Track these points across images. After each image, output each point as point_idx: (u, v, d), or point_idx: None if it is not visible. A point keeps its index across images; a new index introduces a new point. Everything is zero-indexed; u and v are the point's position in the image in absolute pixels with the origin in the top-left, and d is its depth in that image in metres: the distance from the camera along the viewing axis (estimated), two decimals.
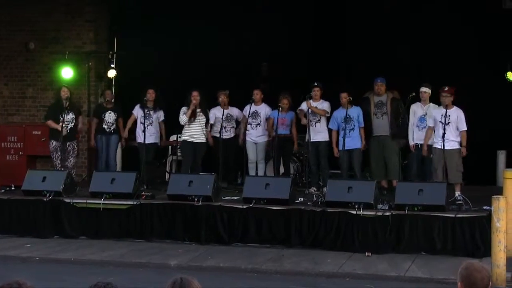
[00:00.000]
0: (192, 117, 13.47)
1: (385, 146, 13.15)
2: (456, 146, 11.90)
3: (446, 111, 11.88)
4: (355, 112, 13.09)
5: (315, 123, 13.45)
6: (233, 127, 14.21)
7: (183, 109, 13.55)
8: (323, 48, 15.06)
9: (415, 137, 12.72)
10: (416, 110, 12.80)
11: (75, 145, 14.12)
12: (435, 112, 12.13)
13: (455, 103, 12.00)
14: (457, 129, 11.91)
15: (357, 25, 14.75)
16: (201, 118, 13.56)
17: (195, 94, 13.44)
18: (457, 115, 11.95)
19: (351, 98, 13.09)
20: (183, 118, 13.49)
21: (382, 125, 13.17)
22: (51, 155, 14.06)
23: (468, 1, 13.97)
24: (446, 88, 11.98)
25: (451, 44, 14.19)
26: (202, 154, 13.61)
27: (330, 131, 13.37)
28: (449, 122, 11.90)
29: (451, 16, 14.18)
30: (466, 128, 11.93)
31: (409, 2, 14.34)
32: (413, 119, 12.82)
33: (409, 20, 14.41)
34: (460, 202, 11.56)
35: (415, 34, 14.50)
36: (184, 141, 13.68)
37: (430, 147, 12.25)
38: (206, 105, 13.75)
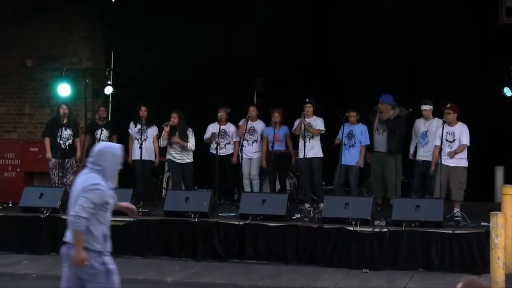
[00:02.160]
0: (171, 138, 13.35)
1: (383, 162, 13.01)
2: (462, 163, 11.79)
3: (443, 127, 11.76)
4: (359, 129, 13.00)
5: (309, 140, 13.32)
6: (228, 143, 14.08)
7: (164, 131, 13.44)
8: (319, 63, 14.93)
9: (417, 153, 12.61)
10: (419, 126, 12.72)
11: (74, 162, 14.00)
12: (439, 130, 11.97)
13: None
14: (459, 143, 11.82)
15: (352, 39, 14.64)
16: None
17: (173, 115, 13.43)
18: (461, 131, 11.85)
19: (359, 117, 13.03)
20: (160, 141, 13.51)
21: (381, 141, 13.01)
22: (50, 172, 13.93)
23: (464, 16, 13.86)
24: (449, 105, 11.87)
25: (448, 59, 14.08)
26: (189, 174, 13.53)
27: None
28: (454, 140, 11.83)
29: (447, 31, 14.07)
30: (467, 143, 11.82)
31: (407, 17, 14.22)
32: (415, 135, 12.69)
33: (406, 36, 14.30)
34: (458, 218, 11.43)
35: (412, 49, 14.40)
36: (169, 159, 13.66)
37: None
38: (185, 126, 13.54)
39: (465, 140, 11.82)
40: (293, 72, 15.03)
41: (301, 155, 13.27)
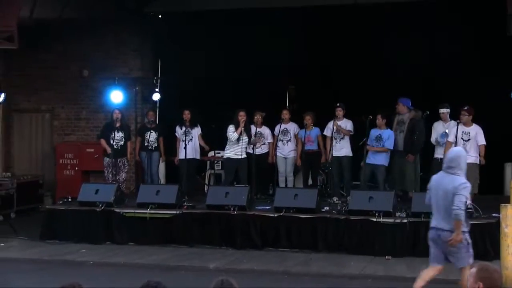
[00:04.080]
0: (240, 135, 13.42)
1: (402, 161, 13.12)
2: (475, 160, 11.83)
3: (457, 127, 11.82)
4: (387, 134, 13.03)
5: (340, 140, 13.48)
6: (263, 144, 14.15)
7: (232, 127, 13.39)
8: (343, 71, 15.01)
9: (436, 152, 12.60)
10: (437, 127, 12.75)
11: (126, 162, 14.19)
12: (454, 129, 12.03)
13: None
14: (477, 144, 11.87)
15: (376, 47, 14.69)
16: (244, 137, 13.50)
17: (242, 114, 13.36)
18: (476, 131, 11.91)
19: (385, 120, 13.07)
20: (234, 135, 13.31)
21: (400, 141, 13.15)
22: (104, 170, 14.14)
23: (473, 27, 13.86)
24: (466, 108, 11.97)
25: (457, 64, 14.08)
26: (245, 170, 13.48)
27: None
28: (469, 139, 11.86)
29: (456, 40, 14.06)
30: (485, 143, 11.91)
31: (418, 24, 14.26)
32: (434, 135, 12.75)
33: (417, 43, 14.33)
34: (471, 210, 11.34)
35: (422, 53, 14.45)
36: (228, 158, 13.54)
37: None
38: (249, 125, 13.67)
39: (482, 140, 11.90)
40: (322, 79, 15.14)
41: (332, 154, 13.38)
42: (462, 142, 11.82)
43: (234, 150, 13.42)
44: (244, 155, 13.43)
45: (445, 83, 14.15)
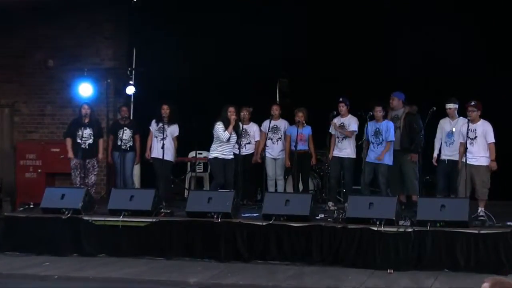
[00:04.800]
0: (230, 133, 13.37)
1: (400, 160, 13.11)
2: (484, 162, 11.83)
3: (468, 125, 11.83)
4: (385, 126, 13.01)
5: (342, 140, 13.50)
6: (248, 143, 14.20)
7: (220, 124, 13.26)
8: (341, 62, 15.01)
9: (443, 152, 12.62)
10: (444, 125, 12.71)
11: (95, 163, 14.11)
12: (463, 127, 12.04)
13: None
14: (486, 142, 11.84)
15: (376, 38, 14.72)
16: (233, 136, 13.43)
17: (232, 110, 13.28)
18: (483, 128, 11.87)
19: (384, 113, 13.05)
20: (225, 135, 13.19)
21: (396, 139, 13.09)
22: (71, 172, 14.07)
23: (478, 25, 13.99)
24: (473, 103, 11.89)
25: (468, 58, 14.13)
26: (232, 172, 13.43)
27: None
28: (476, 137, 11.84)
29: (462, 35, 14.16)
30: (493, 141, 11.84)
31: (425, 16, 14.31)
32: (440, 134, 12.74)
33: (423, 35, 14.40)
34: (483, 218, 11.43)
35: (428, 47, 14.52)
36: (215, 158, 13.40)
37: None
38: (238, 122, 13.60)
39: (491, 138, 11.83)
40: (317, 71, 15.13)
41: (333, 154, 13.44)
42: (469, 141, 11.78)
43: (223, 150, 13.35)
44: (231, 155, 13.42)
45: (450, 79, 14.14)
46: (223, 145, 13.27)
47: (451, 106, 12.63)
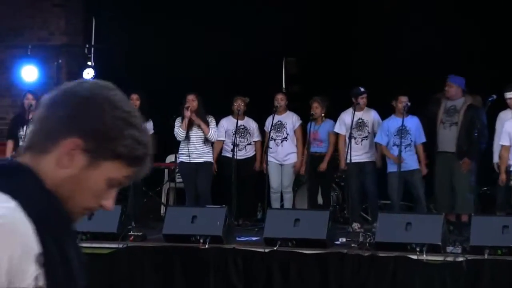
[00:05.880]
0: (189, 129, 13.36)
1: (452, 167, 13.10)
2: None
3: None
4: (414, 122, 13.01)
5: (361, 140, 13.52)
6: (249, 144, 14.31)
7: (178, 120, 13.61)
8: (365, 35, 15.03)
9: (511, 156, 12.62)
10: (504, 120, 12.72)
11: None
12: None
13: None
14: None
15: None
16: (197, 132, 13.54)
17: (190, 98, 13.52)
18: None
19: (409, 104, 13.04)
20: (179, 133, 13.53)
21: (449, 138, 13.10)
22: None
23: None
24: None
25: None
26: (207, 178, 13.61)
27: (375, 146, 13.49)
28: None
29: None
30: None
31: None
32: (499, 131, 12.75)
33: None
34: None
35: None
36: (182, 162, 13.70)
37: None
38: (204, 112, 13.65)
39: None
40: (335, 51, 15.12)
41: (349, 159, 13.39)
42: None
43: (186, 151, 13.60)
44: (204, 158, 13.61)
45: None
46: (188, 146, 13.51)
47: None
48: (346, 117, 13.62)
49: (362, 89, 13.56)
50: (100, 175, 2.39)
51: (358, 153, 13.52)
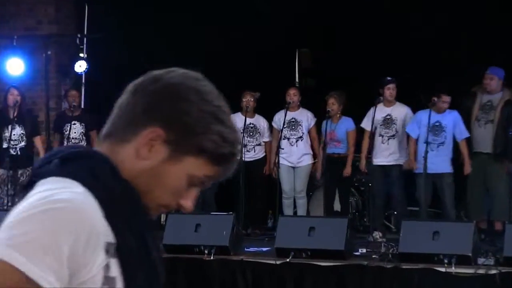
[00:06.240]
0: None
1: (487, 169, 13.06)
2: None
3: None
4: (451, 118, 12.99)
5: (388, 139, 13.45)
6: (258, 144, 14.36)
7: None
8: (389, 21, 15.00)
9: None
10: None
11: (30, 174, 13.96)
12: None
13: None
14: None
15: None
16: None
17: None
18: None
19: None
20: None
21: (484, 137, 13.10)
22: None
23: None
24: None
25: None
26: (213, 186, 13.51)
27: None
28: None
29: None
30: None
31: None
32: None
33: None
34: None
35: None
36: None
37: None
38: None
39: None
40: (355, 40, 15.12)
41: (373, 162, 13.48)
42: None
43: None
44: None
45: None
46: None
47: None
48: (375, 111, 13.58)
49: (389, 78, 13.50)
50: (181, 171, 2.42)
51: (384, 154, 13.50)
